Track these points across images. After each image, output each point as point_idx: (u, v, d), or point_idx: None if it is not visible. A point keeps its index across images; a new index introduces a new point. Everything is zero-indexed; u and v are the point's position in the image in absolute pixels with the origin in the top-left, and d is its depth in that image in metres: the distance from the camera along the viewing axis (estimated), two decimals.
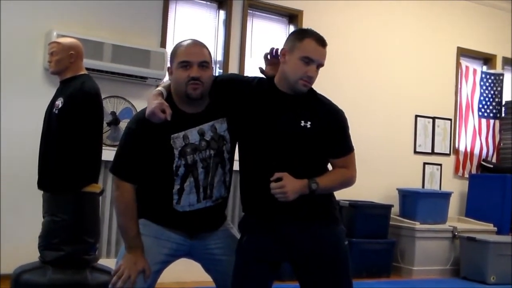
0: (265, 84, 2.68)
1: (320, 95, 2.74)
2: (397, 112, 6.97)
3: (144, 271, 2.54)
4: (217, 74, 2.92)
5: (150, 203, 2.65)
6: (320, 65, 2.64)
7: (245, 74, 5.96)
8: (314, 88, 2.77)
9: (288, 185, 2.44)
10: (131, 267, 2.52)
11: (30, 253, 3.78)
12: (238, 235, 2.78)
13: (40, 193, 3.69)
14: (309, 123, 2.56)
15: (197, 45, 2.66)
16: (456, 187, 7.24)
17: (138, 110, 5.14)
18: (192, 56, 2.59)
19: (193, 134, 2.61)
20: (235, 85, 2.72)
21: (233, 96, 2.67)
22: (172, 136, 2.58)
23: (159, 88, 2.69)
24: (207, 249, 2.72)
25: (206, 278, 2.83)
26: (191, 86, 2.55)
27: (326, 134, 2.59)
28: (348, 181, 2.69)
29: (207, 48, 2.68)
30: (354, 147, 2.73)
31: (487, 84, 7.63)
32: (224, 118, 2.68)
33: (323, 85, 6.45)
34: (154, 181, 2.64)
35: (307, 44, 2.59)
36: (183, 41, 2.70)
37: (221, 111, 2.67)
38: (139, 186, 2.62)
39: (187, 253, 2.73)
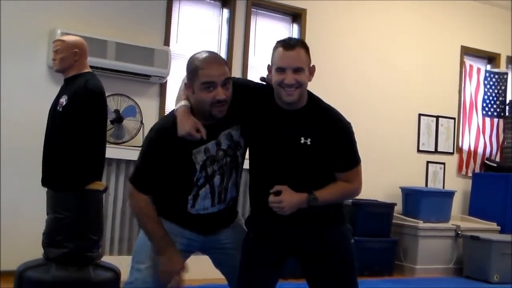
0: (269, 96, 2.63)
1: (325, 105, 2.64)
2: (400, 110, 6.97)
3: (183, 268, 2.58)
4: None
5: (164, 205, 2.65)
6: (298, 69, 2.49)
7: (248, 72, 5.97)
8: (318, 88, 2.75)
9: (286, 201, 2.46)
10: (171, 271, 2.55)
11: (32, 250, 3.80)
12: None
13: (43, 190, 3.70)
14: (309, 140, 2.53)
15: (217, 62, 2.53)
16: (459, 186, 7.25)
17: (141, 108, 5.21)
18: (215, 77, 2.47)
19: (212, 146, 2.61)
20: (247, 92, 2.67)
21: (245, 103, 2.64)
22: (193, 151, 2.57)
23: (183, 103, 2.60)
24: (219, 244, 2.75)
25: (213, 275, 2.84)
26: (217, 109, 2.51)
27: (329, 150, 2.56)
28: (351, 194, 2.71)
29: (225, 62, 2.61)
30: (357, 145, 2.69)
31: (491, 83, 7.62)
32: (238, 125, 2.66)
33: (326, 83, 6.46)
34: (171, 190, 2.64)
35: (276, 54, 2.53)
36: (201, 55, 2.55)
37: (236, 118, 2.64)
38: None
39: (199, 249, 2.77)
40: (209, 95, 2.47)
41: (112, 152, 4.63)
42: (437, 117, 7.27)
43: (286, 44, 2.51)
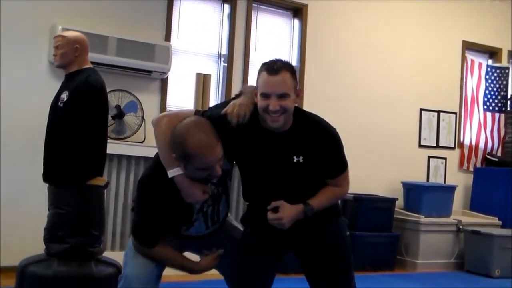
0: (255, 120, 2.56)
1: (310, 117, 2.61)
2: (402, 105, 6.97)
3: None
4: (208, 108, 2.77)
5: None
6: (282, 95, 2.41)
7: (250, 68, 5.97)
8: (320, 84, 2.75)
9: (284, 217, 2.49)
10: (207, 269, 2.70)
11: (33, 246, 3.81)
12: (239, 226, 2.88)
13: (44, 185, 3.70)
14: (301, 157, 2.54)
15: (211, 147, 2.40)
16: (460, 181, 7.24)
17: (142, 104, 5.20)
18: (211, 163, 2.41)
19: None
20: (230, 122, 2.54)
21: (230, 135, 2.54)
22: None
23: (180, 170, 2.47)
24: (212, 243, 2.77)
25: (211, 271, 2.85)
26: (212, 177, 2.52)
27: (320, 162, 2.57)
28: (340, 197, 2.76)
29: (217, 139, 2.43)
30: (358, 141, 2.72)
31: (492, 77, 7.61)
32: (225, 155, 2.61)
33: (327, 78, 6.45)
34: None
35: (261, 79, 2.46)
36: (192, 139, 2.38)
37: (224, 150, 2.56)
38: None
39: (193, 248, 2.81)
40: (205, 173, 2.45)
41: (113, 147, 4.64)
42: (439, 112, 7.27)
43: (270, 69, 2.42)
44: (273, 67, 2.42)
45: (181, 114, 2.58)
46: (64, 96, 3.61)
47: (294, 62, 6.30)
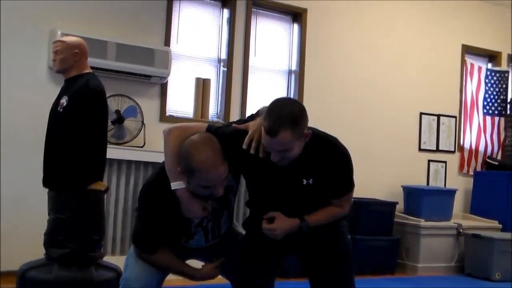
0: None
1: (321, 137, 2.57)
2: (402, 109, 6.97)
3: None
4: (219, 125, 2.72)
5: None
6: (283, 150, 2.39)
7: (249, 72, 5.97)
8: (320, 88, 2.76)
9: (278, 228, 2.54)
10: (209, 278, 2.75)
11: (33, 250, 3.80)
12: (241, 231, 2.89)
13: (44, 190, 3.71)
14: (311, 180, 2.56)
15: (216, 165, 2.42)
16: (460, 184, 7.23)
17: (142, 108, 5.21)
18: (214, 181, 2.44)
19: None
20: (241, 141, 2.53)
21: (238, 153, 2.53)
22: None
23: (184, 185, 2.50)
24: (217, 250, 2.80)
25: None
26: (210, 197, 2.55)
27: (329, 182, 2.59)
28: (338, 217, 2.73)
29: (223, 156, 2.46)
30: (358, 145, 2.73)
31: (492, 81, 7.61)
32: (230, 172, 2.60)
33: (327, 83, 6.47)
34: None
35: (263, 131, 2.41)
36: (198, 155, 2.41)
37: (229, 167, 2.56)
38: None
39: (197, 256, 2.84)
40: (206, 191, 2.48)
41: (113, 152, 4.64)
42: (438, 115, 7.27)
43: (268, 130, 2.34)
44: (270, 129, 2.33)
45: (193, 128, 2.60)
46: (64, 101, 3.62)
47: (293, 67, 6.32)
